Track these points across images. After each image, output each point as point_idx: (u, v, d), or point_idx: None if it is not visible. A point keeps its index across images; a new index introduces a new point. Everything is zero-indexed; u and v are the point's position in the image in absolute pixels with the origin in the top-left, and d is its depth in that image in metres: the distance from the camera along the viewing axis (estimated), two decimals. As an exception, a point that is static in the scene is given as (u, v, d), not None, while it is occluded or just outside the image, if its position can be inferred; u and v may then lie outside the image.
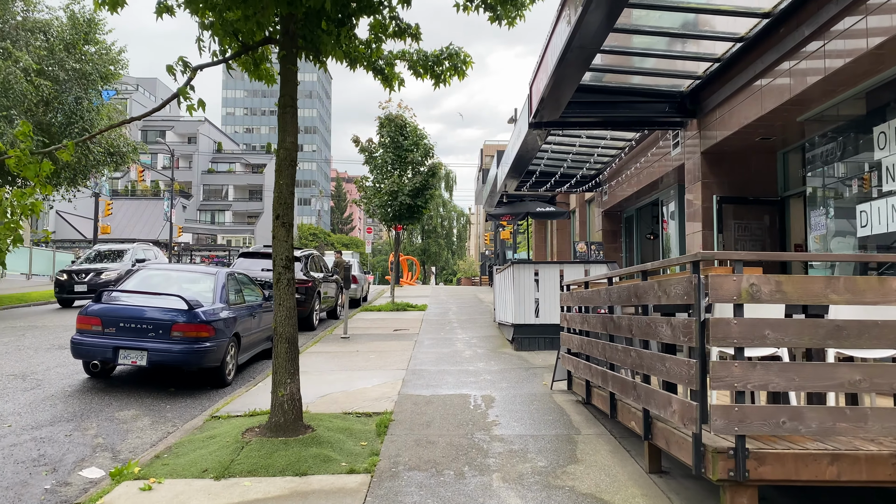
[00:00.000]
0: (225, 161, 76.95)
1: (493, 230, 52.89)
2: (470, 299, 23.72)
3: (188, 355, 8.03)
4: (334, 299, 16.64)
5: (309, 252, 15.35)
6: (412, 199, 18.83)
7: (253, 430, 5.97)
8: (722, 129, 8.56)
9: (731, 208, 8.82)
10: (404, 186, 18.86)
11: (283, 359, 5.87)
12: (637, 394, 4.53)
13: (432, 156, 19.45)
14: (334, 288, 16.46)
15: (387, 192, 18.87)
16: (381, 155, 19.62)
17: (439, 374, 9.00)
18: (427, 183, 19.08)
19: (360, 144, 19.76)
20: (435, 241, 69.28)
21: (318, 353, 11.08)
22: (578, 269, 10.96)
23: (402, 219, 19.21)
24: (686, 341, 3.65)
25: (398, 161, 19.27)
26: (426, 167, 19.28)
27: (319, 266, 16.14)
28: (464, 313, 17.93)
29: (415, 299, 23.25)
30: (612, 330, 5.24)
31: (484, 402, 7.24)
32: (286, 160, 5.99)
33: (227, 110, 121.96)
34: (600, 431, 5.95)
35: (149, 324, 8.05)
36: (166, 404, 7.69)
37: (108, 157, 19.50)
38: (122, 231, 62.55)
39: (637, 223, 14.59)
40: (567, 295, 7.11)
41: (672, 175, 11.09)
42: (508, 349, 11.31)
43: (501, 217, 14.91)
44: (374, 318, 16.62)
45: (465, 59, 7.44)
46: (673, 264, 3.80)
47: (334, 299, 16.64)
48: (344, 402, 7.38)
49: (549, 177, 14.58)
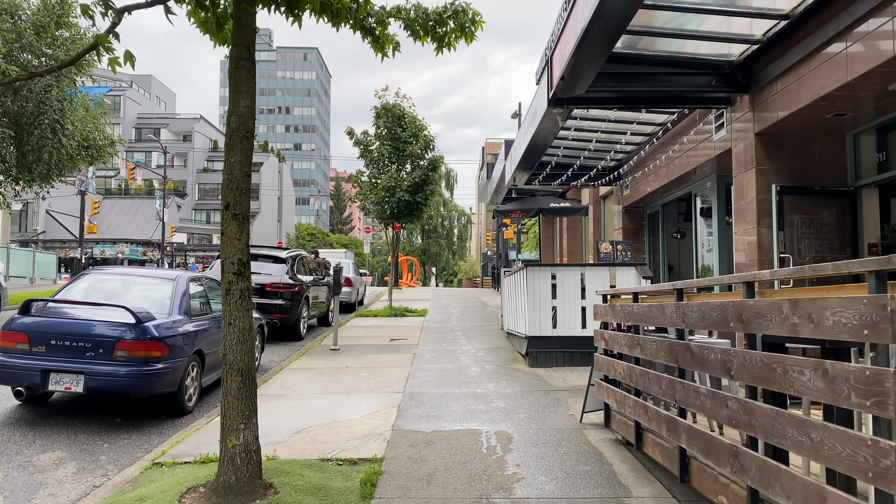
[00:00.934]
0: (221, 159, 75.42)
1: (496, 229, 51.36)
2: (473, 303, 22.23)
3: (135, 379, 6.53)
4: (325, 304, 15.15)
5: (296, 253, 13.86)
6: (411, 196, 17.32)
7: (197, 489, 4.48)
8: (784, 104, 7.06)
9: (793, 200, 7.33)
10: (402, 181, 17.36)
11: (234, 397, 4.37)
12: (742, 465, 3.03)
13: (433, 148, 17.94)
14: (325, 292, 14.97)
15: (384, 188, 17.36)
16: (378, 148, 18.09)
17: (442, 400, 7.50)
18: (427, 178, 17.57)
19: (354, 136, 18.23)
20: (435, 241, 67.77)
21: (302, 369, 9.58)
22: (603, 273, 9.46)
23: (401, 216, 17.68)
24: (866, 405, 2.16)
25: (396, 154, 17.75)
26: (426, 161, 17.76)
27: (309, 268, 14.66)
28: (467, 319, 16.44)
29: (414, 303, 21.74)
30: (686, 363, 3.74)
31: (499, 443, 5.74)
32: (240, 131, 4.50)
33: (225, 108, 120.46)
34: (658, 492, 4.45)
35: (87, 341, 6.55)
36: (104, 442, 6.18)
37: (82, 150, 17.99)
38: (114, 231, 61.08)
39: (663, 220, 13.09)
40: (606, 308, 5.60)
41: (710, 164, 9.59)
42: (521, 365, 9.81)
43: (511, 213, 13.42)
44: (370, 325, 15.12)
45: (474, 17, 5.93)
46: (854, 270, 2.29)
47: (325, 304, 15.15)
48: (324, 440, 5.88)
49: (565, 169, 13.08)
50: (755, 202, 7.67)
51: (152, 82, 77.10)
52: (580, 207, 13.54)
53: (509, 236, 35.75)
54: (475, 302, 22.75)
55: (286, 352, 11.69)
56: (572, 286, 9.51)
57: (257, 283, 12.47)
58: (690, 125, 9.77)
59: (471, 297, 26.19)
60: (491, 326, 14.72)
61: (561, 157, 12.72)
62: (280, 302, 12.36)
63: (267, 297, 12.34)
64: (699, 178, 10.51)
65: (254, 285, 12.85)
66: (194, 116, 73.56)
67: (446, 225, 71.54)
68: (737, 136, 8.18)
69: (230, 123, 4.55)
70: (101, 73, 73.84)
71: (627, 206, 13.45)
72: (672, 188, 11.67)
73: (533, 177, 13.52)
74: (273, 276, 12.52)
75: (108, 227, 62.53)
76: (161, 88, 79.53)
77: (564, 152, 12.20)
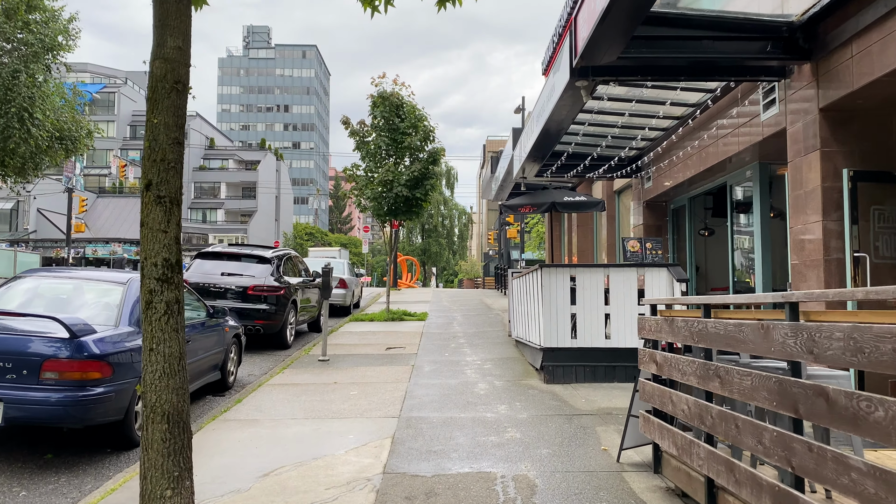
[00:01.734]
0: (217, 157, 74.16)
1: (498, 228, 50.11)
2: (476, 305, 20.98)
3: (68, 407, 5.29)
4: (317, 308, 13.90)
5: (283, 252, 12.61)
6: (410, 191, 16.06)
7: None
8: (862, 71, 5.81)
9: (867, 188, 6.09)
10: (401, 175, 16.11)
11: (158, 452, 3.12)
12: None
13: (433, 140, 16.68)
14: (316, 294, 13.72)
15: (380, 182, 16.10)
16: (374, 139, 16.83)
17: (445, 428, 6.25)
18: (427, 171, 16.32)
19: (350, 127, 16.98)
20: (436, 241, 66.52)
21: (283, 385, 8.32)
22: (630, 275, 8.20)
23: (399, 213, 16.43)
24: None
25: (393, 146, 16.48)
26: (426, 153, 16.50)
27: (299, 269, 13.42)
28: (471, 324, 15.19)
29: (413, 305, 20.50)
30: (817, 416, 2.48)
31: (520, 494, 4.49)
32: (166, 80, 3.26)
33: (223, 107, 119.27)
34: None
35: (6, 360, 5.30)
36: (22, 489, 4.94)
37: (56, 142, 16.74)
38: (107, 230, 59.84)
39: (689, 216, 11.81)
40: (659, 323, 4.34)
41: (752, 150, 8.33)
42: (535, 380, 8.56)
43: (519, 209, 12.13)
44: (364, 330, 13.87)
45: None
46: None
47: (317, 308, 13.90)
48: (297, 489, 4.64)
49: (579, 160, 11.81)
50: (819, 191, 6.41)
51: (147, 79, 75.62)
52: (597, 201, 12.24)
53: (512, 235, 34.48)
54: (478, 304, 21.51)
55: (269, 363, 10.44)
56: (594, 290, 8.25)
57: (238, 285, 11.22)
58: (730, 105, 8.51)
59: (473, 298, 24.96)
60: (497, 333, 13.48)
61: (576, 147, 11.46)
62: (264, 307, 11.11)
63: (249, 302, 11.10)
64: (737, 166, 9.25)
65: (234, 288, 11.65)
66: (190, 114, 72.29)
67: (447, 224, 70.28)
68: (794, 113, 6.92)
69: (153, 71, 3.30)
70: (97, 69, 72.69)
71: (649, 201, 12.19)
72: (703, 179, 10.41)
73: (544, 168, 12.27)
74: (256, 279, 11.27)
75: (102, 227, 61.30)
76: (157, 85, 77.99)
77: (581, 139, 10.92)
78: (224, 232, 69.12)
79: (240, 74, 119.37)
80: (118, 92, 68.17)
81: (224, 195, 72.16)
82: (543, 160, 11.70)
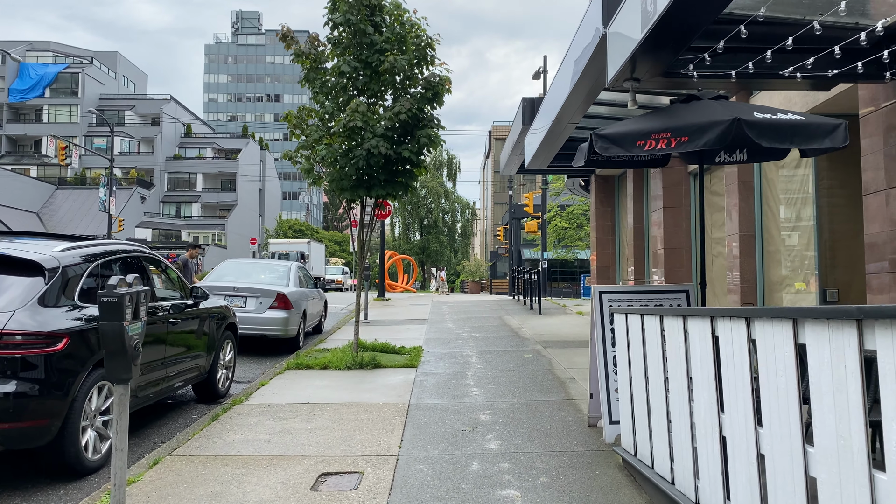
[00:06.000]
0: (194, 146, 67.27)
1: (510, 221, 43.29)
2: (495, 328, 14.28)
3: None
4: (204, 357, 7.24)
5: (103, 250, 5.81)
6: (392, 146, 9.45)
7: None
8: None
9: None
10: (376, 121, 9.51)
11: None
12: None
13: (431, 61, 10.01)
14: (211, 327, 7.09)
15: (344, 131, 9.43)
16: (336, 65, 10.18)
17: None
18: (421, 114, 9.67)
19: (290, 41, 10.27)
20: (436, 238, 59.66)
21: None
22: None
23: (374, 185, 9.75)
24: None
25: (366, 73, 9.85)
26: (419, 83, 9.85)
27: (179, 281, 6.81)
28: (501, 379, 8.52)
29: (401, 329, 13.84)
30: None
31: None
32: None
33: (210, 96, 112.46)
34: None
35: None
36: None
37: None
38: (65, 226, 53.04)
39: None
40: None
41: None
42: None
43: (642, 140, 5.43)
44: (283, 426, 7.18)
45: None
46: None
47: (204, 357, 7.24)
48: None
49: (759, 44, 5.14)
50: None
51: (119, 60, 68.92)
52: (835, 124, 5.37)
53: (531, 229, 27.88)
54: (498, 326, 14.81)
55: None
56: None
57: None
58: None
59: (487, 314, 18.25)
60: (559, 409, 6.80)
61: (759, 18, 4.75)
62: (6, 389, 4.43)
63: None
64: None
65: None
66: (164, 97, 65.56)
67: (448, 220, 63.32)
68: None
69: None
70: (59, 48, 65.81)
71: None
72: None
73: (676, 67, 5.54)
74: (-15, 315, 4.57)
75: (60, 221, 54.54)
76: (129, 67, 71.33)
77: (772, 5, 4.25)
78: (200, 228, 62.36)
79: (227, 62, 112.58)
80: (83, 73, 61.39)
81: (201, 187, 65.27)
82: (683, 40, 5.00)
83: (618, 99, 8.02)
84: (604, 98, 8.00)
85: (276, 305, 10.51)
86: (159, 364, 6.09)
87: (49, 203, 55.47)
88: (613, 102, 8.61)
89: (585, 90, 6.02)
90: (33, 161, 60.69)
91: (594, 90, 6.06)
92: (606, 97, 8.02)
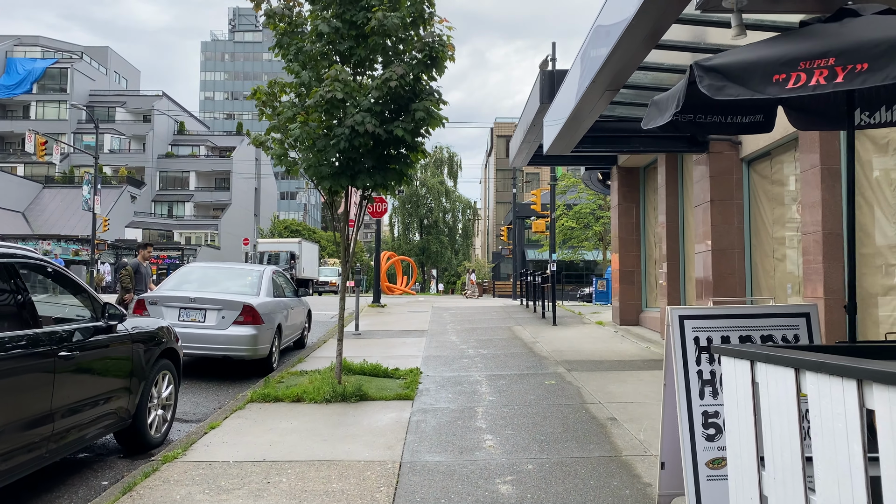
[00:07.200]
0: (187, 143, 65.30)
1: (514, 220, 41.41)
2: (506, 342, 12.40)
3: None
4: (132, 407, 5.37)
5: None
6: (382, 123, 7.60)
7: None
8: None
9: None
10: (362, 92, 7.68)
11: None
12: None
13: (428, 18, 8.15)
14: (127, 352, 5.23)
15: (323, 105, 7.54)
16: (314, 28, 8.32)
17: None
18: (418, 84, 7.81)
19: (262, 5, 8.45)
20: (436, 238, 57.74)
21: None
22: None
23: (359, 172, 7.89)
24: None
25: (350, 34, 8.01)
26: (416, 47, 7.99)
27: (88, 298, 4.96)
28: (519, 418, 6.66)
29: (398, 340, 11.98)
30: None
31: None
32: None
33: (206, 94, 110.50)
34: None
35: None
36: None
37: None
38: (51, 226, 51.15)
39: None
40: None
41: None
42: None
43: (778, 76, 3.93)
44: (244, 464, 5.32)
45: None
46: None
47: (132, 407, 5.37)
48: None
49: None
50: None
51: (109, 55, 66.96)
52: None
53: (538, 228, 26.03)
54: (508, 338, 12.93)
55: None
56: None
57: None
58: None
59: (494, 322, 16.38)
60: (601, 469, 4.94)
61: None
62: None
63: None
64: None
65: None
66: (156, 93, 63.66)
67: (448, 220, 61.34)
68: None
69: None
70: (48, 42, 63.87)
71: None
72: None
73: None
74: None
75: (47, 221, 52.64)
76: (121, 63, 69.35)
77: None
78: (192, 228, 60.44)
79: (224, 59, 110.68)
80: (72, 68, 59.47)
81: (193, 186, 63.28)
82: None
83: (643, 81, 6.13)
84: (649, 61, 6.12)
85: (243, 320, 8.63)
86: (39, 419, 4.20)
87: (36, 202, 53.62)
88: (639, 84, 6.79)
89: (652, 19, 4.15)
90: (20, 159, 58.77)
91: (667, 14, 4.16)
92: (654, 57, 6.13)
